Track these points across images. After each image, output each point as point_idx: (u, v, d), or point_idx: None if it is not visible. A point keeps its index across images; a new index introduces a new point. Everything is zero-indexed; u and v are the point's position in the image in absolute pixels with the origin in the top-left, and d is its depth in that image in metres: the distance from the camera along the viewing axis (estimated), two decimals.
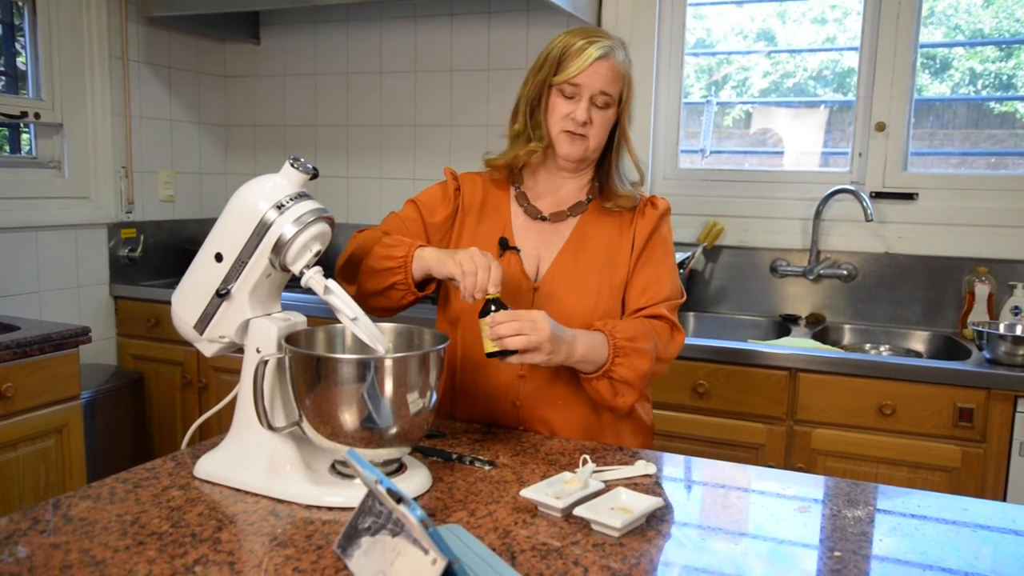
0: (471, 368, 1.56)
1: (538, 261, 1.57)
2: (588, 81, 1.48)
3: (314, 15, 3.47)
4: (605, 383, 1.45)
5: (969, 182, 2.68)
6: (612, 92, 1.50)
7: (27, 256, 2.86)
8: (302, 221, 1.20)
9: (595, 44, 1.49)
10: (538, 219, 1.59)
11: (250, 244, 1.21)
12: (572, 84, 1.49)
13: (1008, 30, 2.72)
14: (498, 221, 1.60)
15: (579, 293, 1.53)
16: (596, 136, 1.52)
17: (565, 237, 1.58)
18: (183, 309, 1.29)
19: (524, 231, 1.59)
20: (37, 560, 0.97)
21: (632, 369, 1.44)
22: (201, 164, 3.61)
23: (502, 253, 1.56)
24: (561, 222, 1.59)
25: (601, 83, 1.48)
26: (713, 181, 2.98)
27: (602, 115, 1.51)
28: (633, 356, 1.44)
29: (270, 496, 1.18)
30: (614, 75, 1.50)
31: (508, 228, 1.59)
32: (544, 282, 1.55)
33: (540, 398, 1.52)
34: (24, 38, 2.91)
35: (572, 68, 1.48)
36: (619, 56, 1.52)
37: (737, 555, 1.05)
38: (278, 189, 1.22)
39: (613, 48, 1.51)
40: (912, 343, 2.65)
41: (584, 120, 1.49)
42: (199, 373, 3.01)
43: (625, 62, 1.53)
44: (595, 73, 1.48)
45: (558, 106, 1.51)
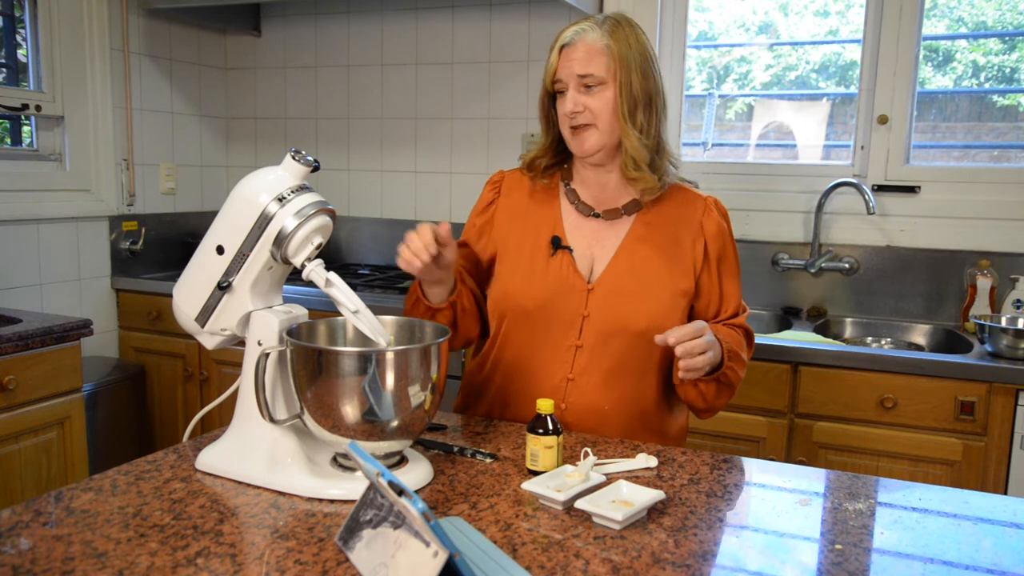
0: (519, 372, 1.51)
1: (592, 261, 1.52)
2: (565, 73, 1.45)
3: (315, 7, 3.46)
4: (714, 385, 1.46)
5: (971, 175, 2.67)
6: (595, 71, 1.43)
7: (28, 249, 2.86)
8: (303, 214, 1.20)
9: (563, 35, 1.46)
10: (591, 216, 1.54)
11: (251, 237, 1.21)
12: (557, 80, 1.47)
13: (1012, 22, 2.71)
14: (547, 219, 1.55)
15: (637, 297, 1.48)
16: (602, 119, 1.44)
17: (621, 237, 1.52)
18: (184, 302, 1.29)
19: (576, 229, 1.54)
20: (39, 552, 0.98)
21: (736, 374, 1.48)
22: (202, 157, 3.60)
23: (554, 252, 1.51)
24: (616, 220, 1.54)
25: (577, 67, 1.43)
26: (715, 174, 2.98)
27: (596, 97, 1.44)
28: (737, 361, 1.47)
29: (272, 489, 1.19)
30: (587, 55, 1.43)
31: (559, 226, 1.54)
32: (599, 283, 1.49)
33: (587, 401, 1.48)
34: (25, 30, 2.91)
35: (550, 65, 1.47)
36: (590, 35, 1.44)
37: (738, 548, 1.05)
38: (279, 182, 1.22)
39: (585, 30, 1.44)
40: (914, 336, 2.65)
41: (572, 110, 1.44)
42: (200, 366, 3.02)
43: (604, 37, 1.43)
44: (567, 61, 1.44)
45: (559, 108, 1.49)
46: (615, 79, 1.44)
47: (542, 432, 1.24)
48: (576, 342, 1.48)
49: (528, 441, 1.25)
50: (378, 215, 3.45)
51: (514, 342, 1.52)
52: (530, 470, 1.25)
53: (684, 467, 1.34)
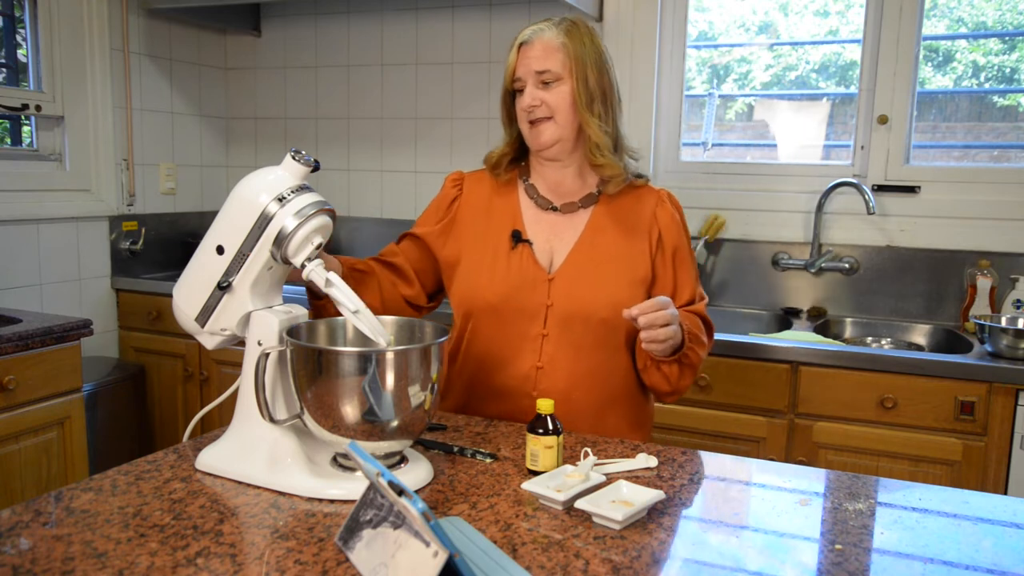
0: (490, 364, 1.55)
1: (551, 253, 1.57)
2: (523, 70, 1.51)
3: (315, 7, 3.46)
4: (676, 367, 1.50)
5: (971, 175, 2.67)
6: (552, 67, 1.49)
7: (28, 249, 2.86)
8: (303, 214, 1.20)
9: (521, 35, 1.52)
10: (549, 210, 1.59)
11: (251, 237, 1.21)
12: (516, 79, 1.52)
13: (1012, 23, 2.71)
14: (507, 215, 1.60)
15: (595, 286, 1.53)
16: (559, 112, 1.50)
17: (579, 229, 1.57)
18: (184, 302, 1.29)
19: (535, 223, 1.59)
20: (39, 552, 0.98)
21: (698, 355, 1.52)
22: (202, 157, 3.60)
23: (514, 245, 1.56)
24: (573, 213, 1.59)
25: (535, 64, 1.49)
26: (715, 174, 2.98)
27: (554, 92, 1.49)
28: (697, 343, 1.51)
29: (272, 489, 1.19)
30: (544, 52, 1.49)
31: (519, 221, 1.59)
32: (559, 273, 1.54)
33: (558, 388, 1.51)
34: (25, 30, 2.91)
35: (510, 64, 1.53)
36: (549, 34, 1.50)
37: (738, 548, 1.05)
38: (279, 181, 1.22)
39: (542, 29, 1.51)
40: (914, 336, 2.65)
41: (530, 104, 1.50)
42: (200, 366, 3.02)
43: (560, 35, 1.50)
44: (525, 59, 1.51)
45: (518, 104, 1.54)
46: (572, 75, 1.50)
47: (542, 432, 1.24)
48: (542, 331, 1.52)
49: (528, 441, 1.25)
50: (378, 215, 3.45)
51: (482, 336, 1.56)
52: (530, 470, 1.25)
53: (684, 467, 1.34)
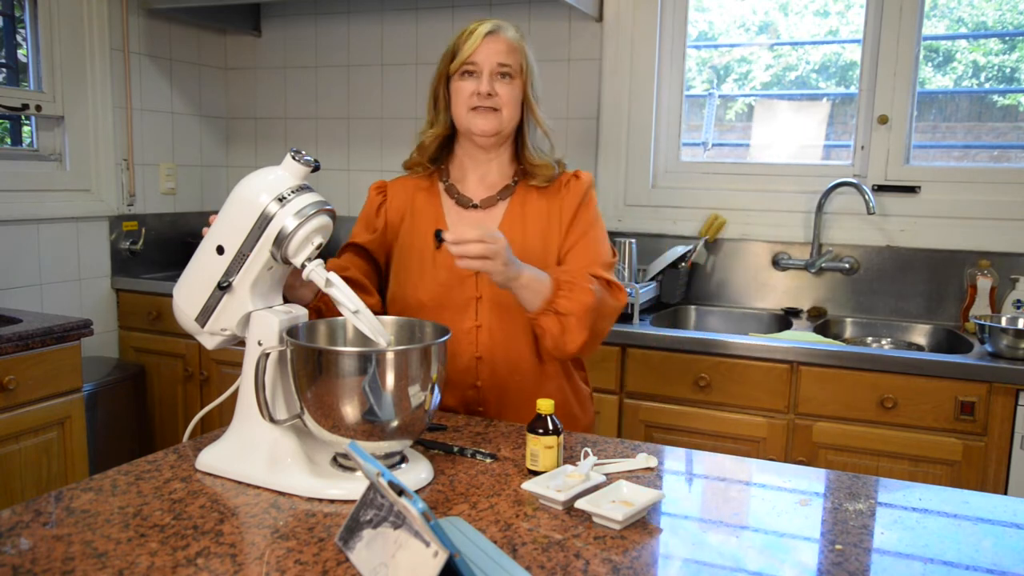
0: None
1: None
2: (484, 57, 1.54)
3: (315, 7, 3.46)
4: (552, 318, 1.46)
5: (971, 175, 2.67)
6: (511, 63, 1.55)
7: (28, 249, 2.86)
8: (303, 214, 1.20)
9: (484, 24, 1.57)
10: (470, 207, 1.62)
11: (251, 237, 1.21)
12: (470, 63, 1.55)
13: (1012, 23, 2.71)
14: (430, 216, 1.63)
15: None
16: (507, 106, 1.55)
17: (499, 221, 1.61)
18: (184, 302, 1.29)
19: (458, 221, 1.62)
20: (40, 552, 0.98)
21: (577, 302, 1.45)
22: (202, 157, 3.60)
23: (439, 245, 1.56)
24: (492, 207, 1.62)
25: (497, 56, 1.54)
26: (715, 174, 2.98)
27: (507, 86, 1.55)
28: (577, 290, 1.46)
29: (272, 489, 1.19)
30: (508, 48, 1.56)
31: (442, 221, 1.62)
32: None
33: (499, 376, 1.56)
34: (25, 30, 2.91)
35: (466, 49, 1.55)
36: (509, 32, 1.58)
37: (738, 548, 1.05)
38: (279, 181, 1.22)
39: (503, 27, 1.58)
40: (914, 336, 2.65)
41: (488, 91, 1.53)
42: (200, 366, 3.02)
43: (517, 37, 1.59)
44: (489, 48, 1.55)
45: (462, 88, 1.56)
46: (523, 77, 1.58)
47: (542, 432, 1.24)
48: (475, 323, 1.56)
49: (528, 441, 1.25)
50: None
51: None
52: (530, 470, 1.25)
53: (684, 467, 1.34)
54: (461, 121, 1.58)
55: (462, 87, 1.56)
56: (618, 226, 3.04)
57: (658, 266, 2.81)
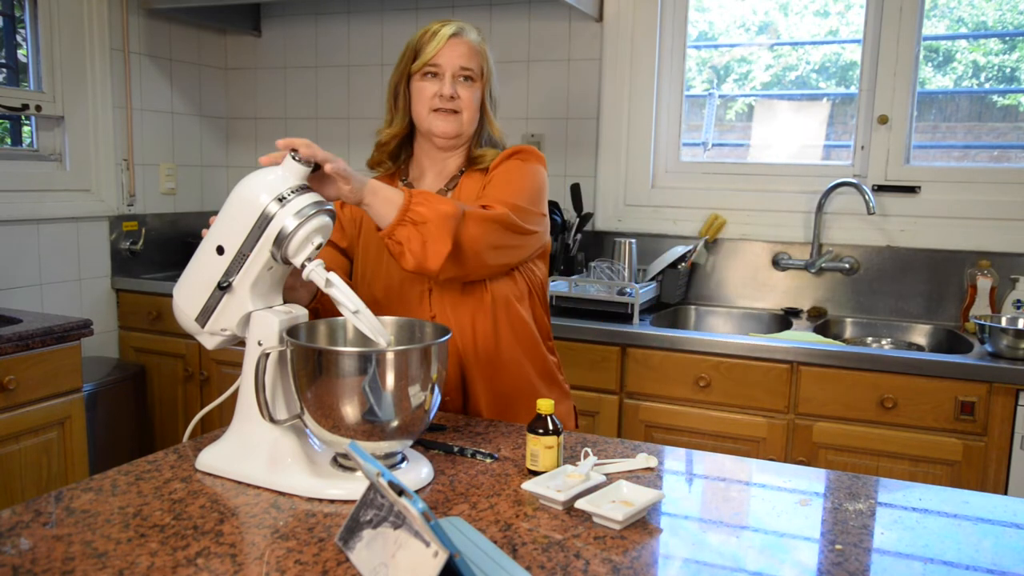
0: None
1: None
2: (447, 60, 1.56)
3: (315, 7, 3.46)
4: (408, 228, 1.34)
5: (971, 175, 2.67)
6: (473, 67, 1.57)
7: (29, 249, 2.86)
8: (303, 214, 1.20)
9: (447, 25, 1.57)
10: None
11: (251, 237, 1.21)
12: (432, 65, 1.56)
13: (1012, 22, 2.71)
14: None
15: None
16: (468, 109, 1.58)
17: None
18: (184, 302, 1.29)
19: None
20: (40, 552, 0.98)
21: (433, 209, 1.34)
22: (202, 157, 3.60)
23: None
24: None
25: (460, 59, 1.56)
26: (715, 174, 2.98)
27: (469, 90, 1.57)
28: (433, 200, 1.36)
29: (272, 489, 1.19)
30: (471, 51, 1.57)
31: None
32: None
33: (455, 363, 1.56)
34: (25, 30, 2.91)
35: (430, 50, 1.56)
36: (472, 36, 1.59)
37: (738, 548, 1.05)
38: (279, 181, 1.22)
39: (465, 28, 1.59)
40: (914, 336, 2.65)
41: (451, 94, 1.55)
42: (201, 366, 3.02)
43: (479, 40, 1.60)
44: (452, 51, 1.56)
45: (423, 89, 1.57)
46: (483, 80, 1.61)
47: (542, 432, 1.24)
48: (430, 313, 1.57)
49: (528, 441, 1.25)
50: None
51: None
52: (530, 470, 1.25)
53: (684, 467, 1.34)
54: (422, 122, 1.60)
55: (424, 88, 1.57)
56: (618, 226, 3.05)
57: (658, 266, 2.81)
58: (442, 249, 1.34)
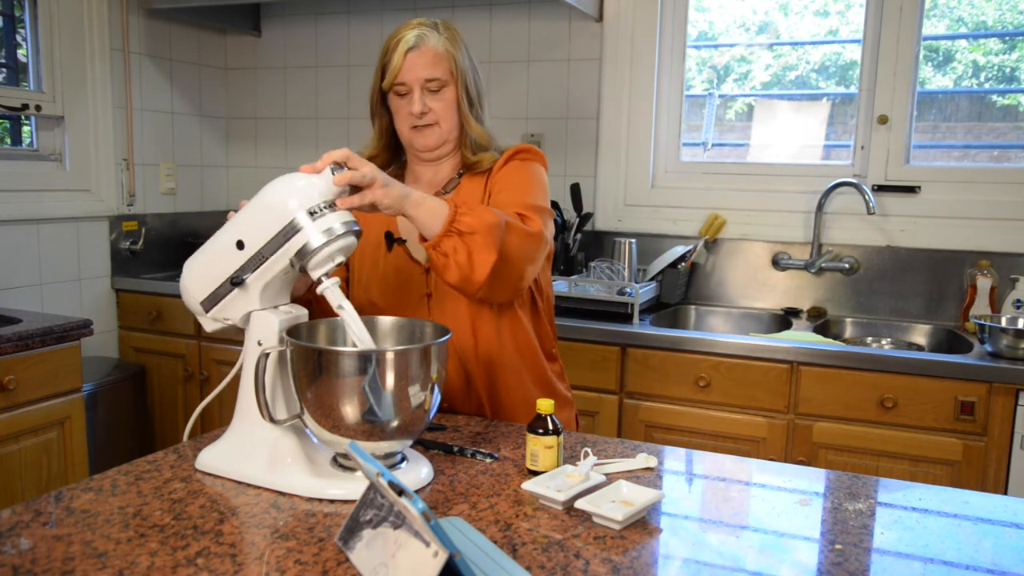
0: None
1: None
2: (411, 76, 1.53)
3: (315, 7, 3.46)
4: (455, 240, 1.31)
5: (971, 175, 2.67)
6: (439, 75, 1.53)
7: (28, 249, 2.86)
8: (332, 232, 1.18)
9: (403, 39, 1.53)
10: None
11: (275, 242, 1.19)
12: (398, 83, 1.54)
13: (1012, 22, 2.71)
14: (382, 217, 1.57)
15: None
16: (445, 119, 1.55)
17: None
18: (193, 283, 1.27)
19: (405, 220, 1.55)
20: (40, 552, 0.98)
21: (479, 219, 1.31)
22: (202, 157, 3.60)
23: (389, 248, 1.59)
24: None
25: (422, 71, 1.52)
26: (715, 174, 2.98)
27: (440, 98, 1.54)
28: (478, 210, 1.33)
29: (272, 489, 1.19)
30: (432, 59, 1.53)
31: (393, 222, 1.61)
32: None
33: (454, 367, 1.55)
34: (25, 30, 2.91)
35: (391, 69, 1.54)
36: (432, 40, 1.53)
37: (738, 548, 1.05)
38: (314, 192, 1.19)
39: (424, 35, 1.53)
40: (914, 336, 2.65)
41: (420, 111, 1.53)
42: (200, 366, 3.02)
43: (444, 42, 1.54)
44: (412, 66, 1.52)
45: (399, 108, 1.57)
46: (455, 81, 1.56)
47: (542, 432, 1.24)
48: (428, 318, 1.55)
49: (528, 441, 1.25)
50: None
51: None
52: (530, 470, 1.25)
53: (684, 467, 1.34)
54: (404, 138, 1.60)
55: (398, 106, 1.57)
56: (618, 226, 3.05)
57: (658, 266, 2.81)
58: (488, 259, 1.31)
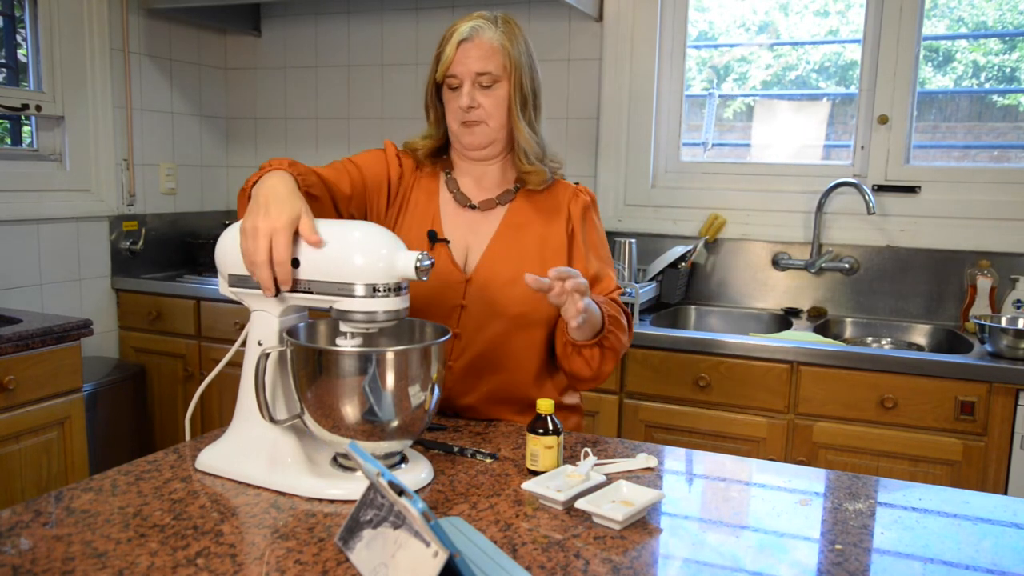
0: None
1: (467, 251, 1.56)
2: (461, 68, 1.47)
3: (315, 7, 3.46)
4: (598, 351, 1.47)
5: (971, 175, 2.67)
6: (492, 69, 1.47)
7: (29, 249, 2.86)
8: (376, 319, 1.17)
9: (458, 30, 1.48)
10: (467, 207, 1.58)
11: (327, 285, 1.17)
12: (450, 75, 1.49)
13: (1012, 22, 2.71)
14: (428, 211, 1.57)
15: (511, 283, 1.50)
16: (494, 117, 1.50)
17: (495, 226, 1.56)
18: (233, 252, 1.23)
19: (453, 219, 1.57)
20: (40, 552, 0.98)
21: (618, 339, 1.48)
22: (202, 157, 3.60)
23: (432, 246, 1.54)
24: (490, 211, 1.58)
25: (475, 64, 1.47)
26: (715, 174, 2.98)
27: (491, 95, 1.49)
28: (617, 326, 1.48)
29: (272, 489, 1.19)
30: (487, 52, 1.47)
31: (437, 218, 1.57)
32: (476, 274, 1.53)
33: (466, 386, 1.53)
34: (25, 30, 2.91)
35: (445, 60, 1.49)
36: (488, 33, 1.48)
37: (738, 548, 1.05)
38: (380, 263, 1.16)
39: (481, 27, 1.48)
40: (914, 336, 2.65)
41: (468, 105, 1.48)
42: (200, 366, 3.01)
43: (500, 36, 1.49)
44: (465, 57, 1.47)
45: (450, 101, 1.52)
46: (509, 77, 1.50)
47: (542, 432, 1.24)
48: (455, 330, 1.52)
49: (528, 441, 1.25)
50: None
51: None
52: (530, 470, 1.25)
53: (684, 467, 1.34)
54: (452, 134, 1.55)
55: (450, 100, 1.51)
56: (618, 226, 3.05)
57: (658, 266, 2.81)
58: (611, 369, 1.53)
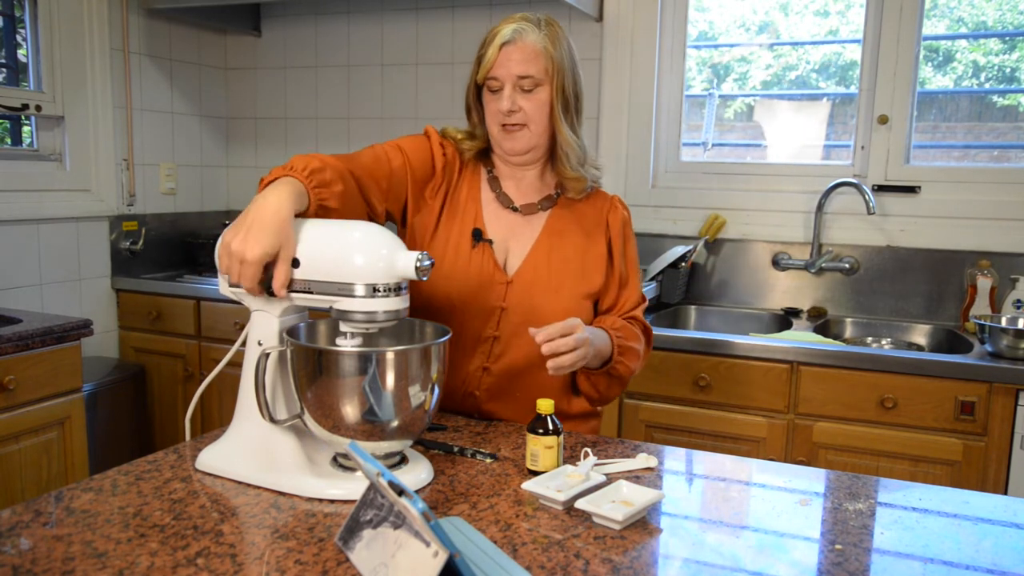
0: None
1: (507, 254, 1.55)
2: (503, 70, 1.46)
3: (315, 7, 3.46)
4: (605, 378, 1.52)
5: (971, 175, 2.67)
6: (534, 73, 1.45)
7: (28, 249, 2.86)
8: (376, 319, 1.17)
9: (500, 32, 1.46)
10: (509, 209, 1.57)
11: (326, 286, 1.17)
12: (491, 78, 1.47)
13: (1012, 22, 2.71)
14: (470, 209, 1.56)
15: (552, 293, 1.51)
16: (535, 121, 1.48)
17: (536, 232, 1.56)
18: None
19: (495, 220, 1.56)
20: (40, 552, 0.98)
21: (627, 367, 1.53)
22: (202, 157, 3.60)
23: (475, 244, 1.53)
24: (532, 215, 1.57)
25: (516, 67, 1.45)
26: (715, 174, 2.98)
27: (533, 98, 1.47)
28: (628, 354, 1.52)
29: (272, 489, 1.19)
30: (530, 55, 1.45)
31: (480, 216, 1.56)
32: (518, 276, 1.53)
33: (500, 389, 1.53)
34: (25, 30, 2.91)
35: (486, 62, 1.47)
36: (532, 36, 1.46)
37: (738, 548, 1.05)
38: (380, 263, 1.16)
39: (524, 30, 1.46)
40: (914, 336, 2.65)
41: (508, 108, 1.46)
42: (200, 366, 3.01)
43: (543, 39, 1.46)
44: (507, 60, 1.45)
45: (490, 103, 1.50)
46: (551, 81, 1.47)
47: (542, 432, 1.24)
48: (494, 332, 1.52)
49: (528, 441, 1.25)
50: None
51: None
52: (530, 470, 1.25)
53: (684, 467, 1.34)
54: (493, 138, 1.54)
55: (490, 102, 1.50)
56: None
57: (658, 266, 2.81)
58: (619, 392, 1.60)
